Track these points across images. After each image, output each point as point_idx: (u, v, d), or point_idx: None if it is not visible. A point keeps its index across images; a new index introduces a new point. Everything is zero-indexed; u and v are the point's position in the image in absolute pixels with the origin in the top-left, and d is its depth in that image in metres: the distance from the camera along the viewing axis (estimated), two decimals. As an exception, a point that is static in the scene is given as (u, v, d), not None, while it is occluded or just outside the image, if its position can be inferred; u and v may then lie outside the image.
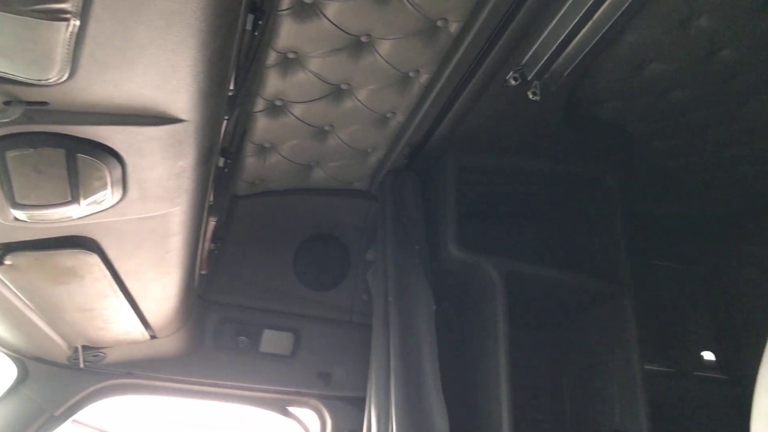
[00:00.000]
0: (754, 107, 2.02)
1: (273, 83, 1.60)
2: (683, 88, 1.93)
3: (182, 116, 0.90)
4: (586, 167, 2.25)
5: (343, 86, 1.66)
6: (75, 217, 1.00)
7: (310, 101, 1.69)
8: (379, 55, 1.55)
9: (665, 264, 2.75)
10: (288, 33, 1.44)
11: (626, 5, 1.45)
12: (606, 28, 1.52)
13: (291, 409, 2.14)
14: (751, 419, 0.64)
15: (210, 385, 1.98)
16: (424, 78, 1.66)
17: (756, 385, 0.65)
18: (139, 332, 1.66)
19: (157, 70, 0.81)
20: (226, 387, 2.00)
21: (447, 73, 1.61)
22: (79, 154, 0.89)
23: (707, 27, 1.66)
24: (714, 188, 2.50)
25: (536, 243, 2.27)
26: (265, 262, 2.12)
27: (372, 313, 2.06)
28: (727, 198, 2.56)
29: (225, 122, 1.21)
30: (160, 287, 1.45)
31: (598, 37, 1.55)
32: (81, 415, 1.95)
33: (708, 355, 2.65)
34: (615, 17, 1.49)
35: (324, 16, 1.41)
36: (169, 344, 1.83)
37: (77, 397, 1.84)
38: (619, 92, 1.96)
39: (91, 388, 1.86)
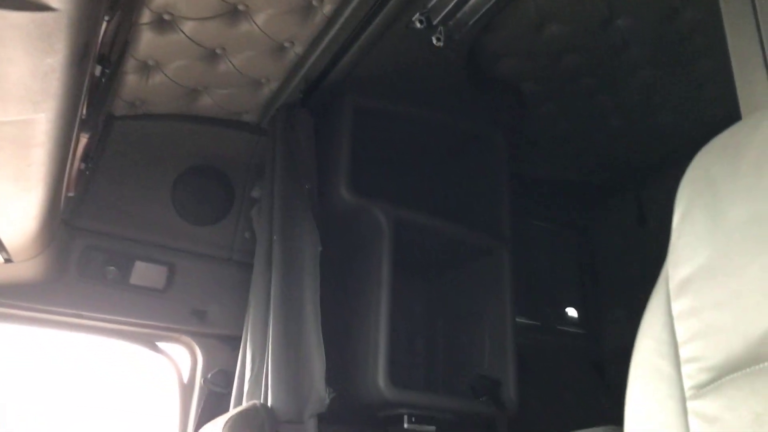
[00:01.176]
0: (638, 80, 2.12)
1: (162, -7, 1.46)
2: (577, 53, 1.98)
3: (53, 3, 0.79)
4: (478, 123, 2.27)
5: (240, 7, 1.55)
6: None
7: (203, 19, 1.57)
8: (282, -24, 1.46)
9: (540, 224, 2.88)
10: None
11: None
12: (515, -21, 1.51)
13: (161, 345, 2.04)
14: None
15: (74, 316, 1.85)
16: (327, 8, 1.58)
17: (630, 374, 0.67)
18: (-9, 253, 1.50)
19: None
20: (91, 319, 1.87)
21: (352, 5, 1.54)
22: None
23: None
24: (592, 156, 2.63)
25: (425, 193, 2.28)
26: (141, 190, 1.98)
27: (254, 252, 1.99)
28: (601, 167, 2.70)
29: (105, 24, 1.08)
30: (19, 205, 1.31)
31: (506, -12, 1.54)
32: None
33: (571, 312, 2.83)
34: (525, -31, 1.48)
35: None
36: (28, 270, 1.68)
37: None
38: (518, 50, 1.98)
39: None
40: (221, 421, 1.60)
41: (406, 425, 1.88)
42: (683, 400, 0.62)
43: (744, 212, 0.59)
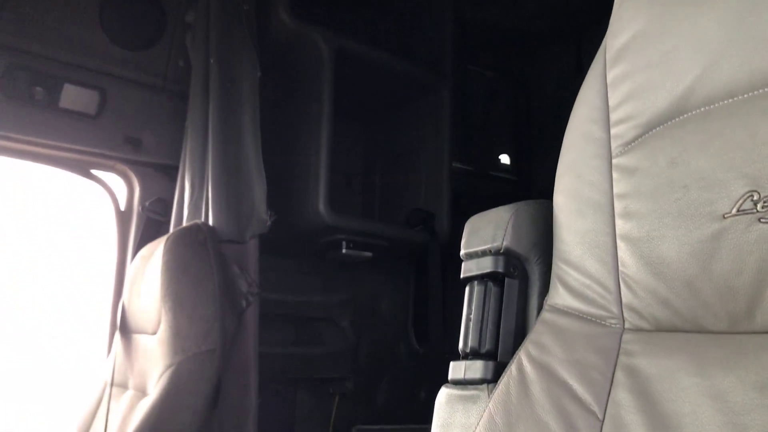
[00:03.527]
0: None
1: None
2: None
3: None
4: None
5: None
6: None
7: None
8: None
9: (478, 70, 2.88)
10: None
11: None
12: None
13: (97, 173, 2.01)
14: None
15: (2, 138, 1.77)
16: None
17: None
18: None
19: None
20: (20, 142, 1.81)
21: None
22: None
23: None
24: (532, 0, 2.60)
25: (368, 26, 2.22)
26: (66, 8, 1.85)
27: (188, 81, 1.94)
28: (541, 13, 2.68)
29: None
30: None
31: None
32: None
33: (504, 159, 2.92)
34: None
35: None
36: (-55, 84, 1.58)
37: None
38: None
39: None
40: (163, 239, 1.62)
41: (344, 250, 1.96)
42: (610, 159, 0.67)
43: (683, -28, 0.62)
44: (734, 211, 0.55)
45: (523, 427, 0.62)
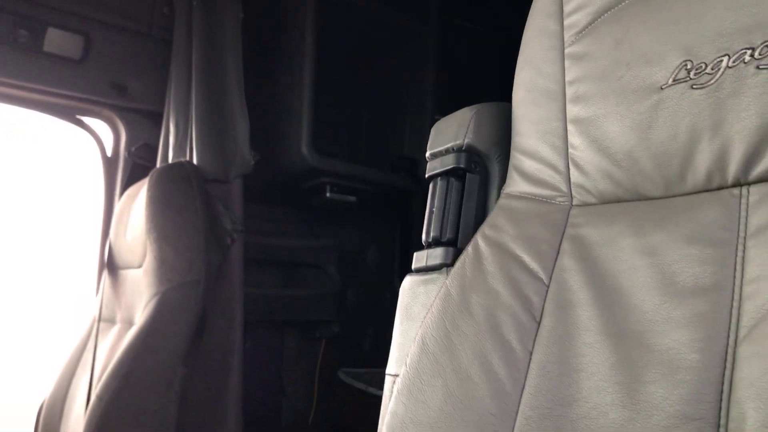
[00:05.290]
0: None
1: None
2: None
3: None
4: None
5: None
6: None
7: None
8: None
9: (467, 24, 2.89)
10: None
11: None
12: None
13: (84, 120, 2.03)
14: None
15: (-14, 80, 1.79)
16: None
17: None
18: None
19: None
20: (6, 86, 1.82)
21: None
22: None
23: None
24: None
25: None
26: (49, -50, 1.85)
27: (173, 28, 1.95)
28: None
29: None
30: None
31: None
32: None
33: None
34: None
35: None
36: (-72, 22, 1.59)
37: None
38: None
39: None
40: (148, 177, 1.65)
41: (328, 194, 1.99)
42: (563, 49, 0.70)
43: None
44: (670, 81, 0.58)
45: (476, 296, 0.66)
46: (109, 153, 2.07)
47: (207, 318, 1.56)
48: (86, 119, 2.04)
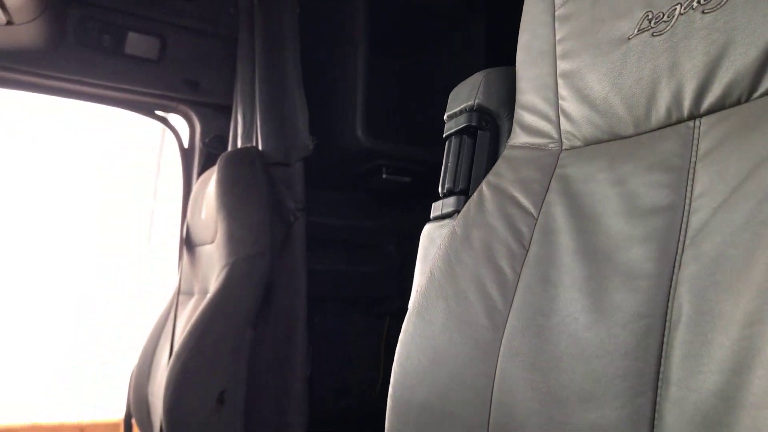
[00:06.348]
0: None
1: None
2: None
3: None
4: None
5: None
6: None
7: None
8: None
9: (518, 9, 2.93)
10: None
11: None
12: None
13: (161, 114, 2.23)
14: None
15: (75, 82, 2.01)
16: None
17: None
18: (-8, 10, 1.63)
19: None
20: (90, 86, 2.04)
21: None
22: None
23: None
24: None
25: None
26: (128, -37, 2.05)
27: (238, 26, 2.12)
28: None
29: None
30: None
31: None
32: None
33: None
34: None
35: None
36: (29, 33, 1.81)
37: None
38: None
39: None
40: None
41: (384, 176, 2.11)
42: (554, 12, 0.78)
43: None
44: (636, 31, 0.66)
45: (477, 231, 0.75)
46: (186, 145, 2.27)
47: (273, 288, 1.71)
48: (165, 114, 2.25)
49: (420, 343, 0.73)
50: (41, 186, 3.07)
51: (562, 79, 0.75)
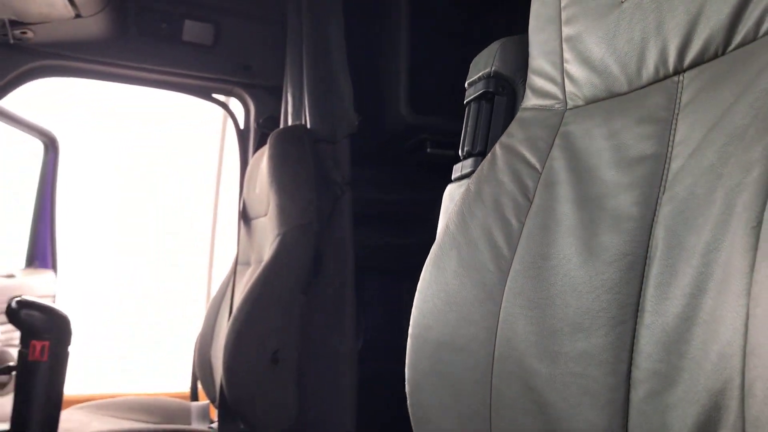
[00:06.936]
0: None
1: None
2: None
3: None
4: None
5: None
6: None
7: None
8: None
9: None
10: None
11: None
12: None
13: (217, 97, 2.36)
14: None
15: (136, 69, 2.16)
16: None
17: None
18: (62, 4, 1.77)
19: None
20: (151, 72, 2.18)
21: None
22: None
23: None
24: None
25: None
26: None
27: (286, 11, 2.22)
28: None
29: None
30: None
31: None
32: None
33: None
34: None
35: None
36: (94, 24, 1.96)
37: (10, 76, 1.99)
38: None
39: (24, 68, 2.01)
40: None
41: (428, 150, 2.17)
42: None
43: None
44: (628, -5, 0.70)
45: (488, 187, 0.82)
46: (241, 126, 2.40)
47: (322, 259, 1.81)
48: (221, 97, 2.37)
49: (435, 288, 0.80)
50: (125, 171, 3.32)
51: (567, 43, 0.80)
